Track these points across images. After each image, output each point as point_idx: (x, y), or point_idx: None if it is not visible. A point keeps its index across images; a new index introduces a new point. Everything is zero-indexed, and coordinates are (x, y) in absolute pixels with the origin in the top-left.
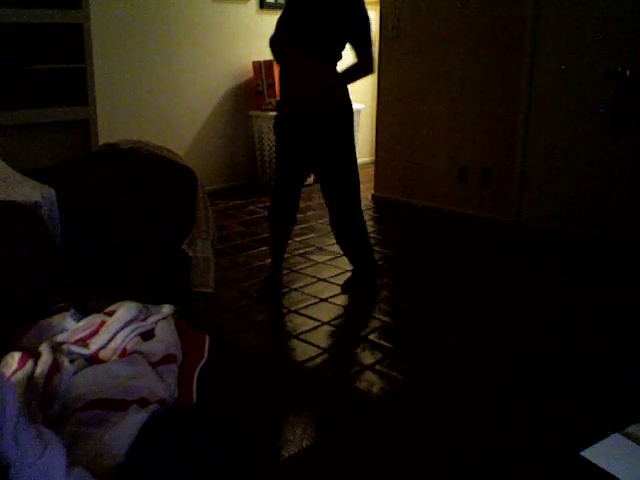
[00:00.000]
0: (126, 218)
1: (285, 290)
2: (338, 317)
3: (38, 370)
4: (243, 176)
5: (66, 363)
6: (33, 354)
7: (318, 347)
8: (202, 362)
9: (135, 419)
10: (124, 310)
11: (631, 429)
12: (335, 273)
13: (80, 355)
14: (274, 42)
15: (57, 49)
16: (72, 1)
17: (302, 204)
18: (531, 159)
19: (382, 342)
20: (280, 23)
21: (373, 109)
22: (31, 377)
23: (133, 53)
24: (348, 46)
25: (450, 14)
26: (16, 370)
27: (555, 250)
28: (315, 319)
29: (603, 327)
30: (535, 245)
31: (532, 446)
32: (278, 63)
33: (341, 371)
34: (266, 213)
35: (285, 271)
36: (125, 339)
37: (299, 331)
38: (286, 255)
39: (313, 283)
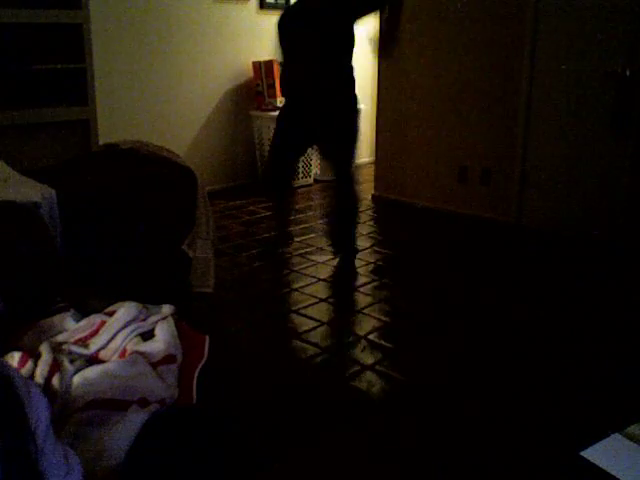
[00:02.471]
0: (126, 218)
1: (285, 290)
2: (338, 317)
3: (38, 370)
4: (243, 176)
5: (66, 363)
6: (33, 354)
7: (318, 347)
8: (202, 362)
9: (135, 419)
10: (124, 310)
11: (631, 429)
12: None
13: (80, 355)
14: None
15: (57, 49)
16: (72, 1)
17: (302, 204)
18: (531, 159)
19: (382, 342)
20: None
21: (373, 109)
22: (31, 377)
23: (133, 53)
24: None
25: (450, 14)
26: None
27: (555, 250)
28: (315, 319)
29: (603, 327)
30: (535, 245)
31: (532, 446)
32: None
33: (341, 371)
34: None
35: (285, 271)
36: (125, 339)
37: (299, 331)
38: (286, 255)
39: (313, 283)
